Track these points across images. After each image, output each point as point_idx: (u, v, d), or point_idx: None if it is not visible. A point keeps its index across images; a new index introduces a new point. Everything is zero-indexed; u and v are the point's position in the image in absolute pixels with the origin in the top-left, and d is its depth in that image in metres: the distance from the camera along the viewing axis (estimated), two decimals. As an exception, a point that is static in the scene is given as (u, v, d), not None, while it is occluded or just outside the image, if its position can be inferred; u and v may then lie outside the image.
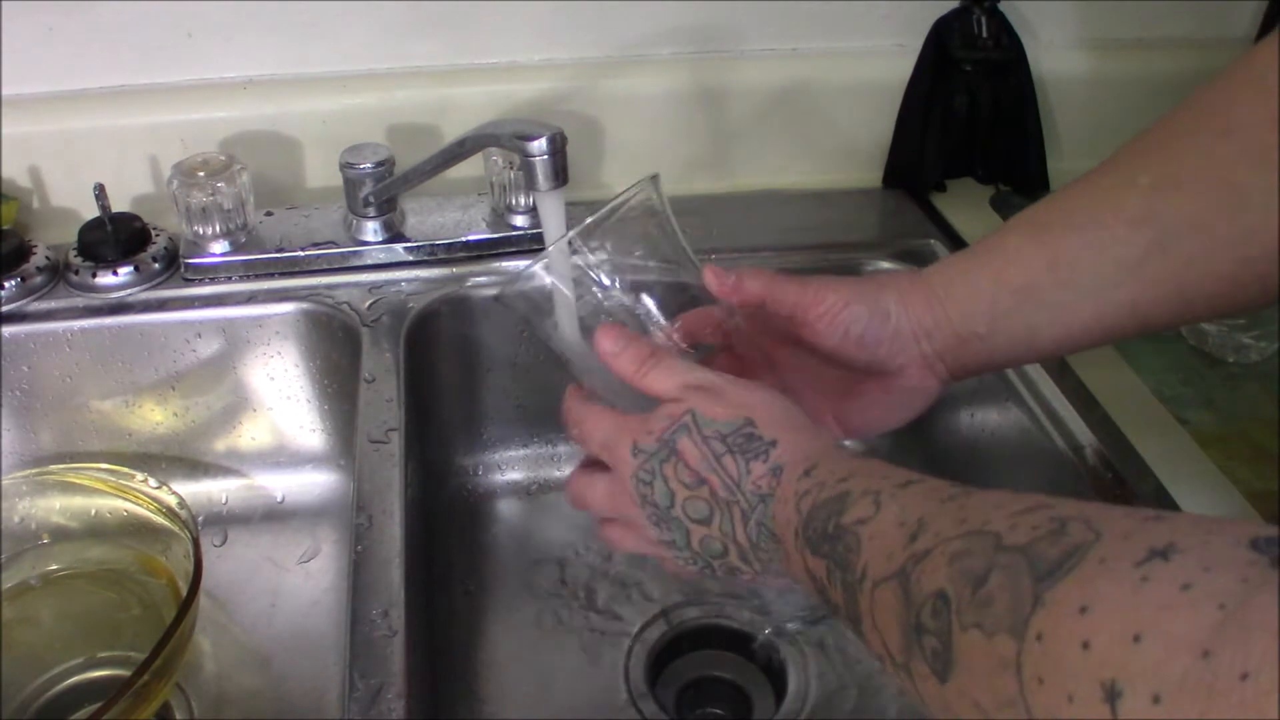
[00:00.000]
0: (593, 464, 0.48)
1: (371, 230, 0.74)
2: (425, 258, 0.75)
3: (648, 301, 0.48)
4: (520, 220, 0.76)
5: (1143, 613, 0.24)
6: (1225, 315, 0.65)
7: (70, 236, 0.73)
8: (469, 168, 0.70)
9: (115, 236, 0.71)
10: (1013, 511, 0.30)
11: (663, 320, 0.48)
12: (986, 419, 0.72)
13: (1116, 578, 0.25)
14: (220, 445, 0.76)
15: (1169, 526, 0.26)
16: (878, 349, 0.49)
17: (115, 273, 0.71)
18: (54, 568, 0.66)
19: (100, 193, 0.70)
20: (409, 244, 0.75)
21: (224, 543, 0.74)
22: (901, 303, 0.49)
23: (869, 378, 0.51)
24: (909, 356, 0.50)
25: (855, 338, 0.49)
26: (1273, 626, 0.21)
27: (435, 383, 0.76)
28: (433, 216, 0.77)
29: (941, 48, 0.81)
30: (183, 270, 0.73)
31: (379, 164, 0.71)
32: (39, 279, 0.71)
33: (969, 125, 0.83)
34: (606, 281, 0.48)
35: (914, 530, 0.33)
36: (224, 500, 0.76)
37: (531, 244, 0.75)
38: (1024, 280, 0.47)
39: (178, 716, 0.62)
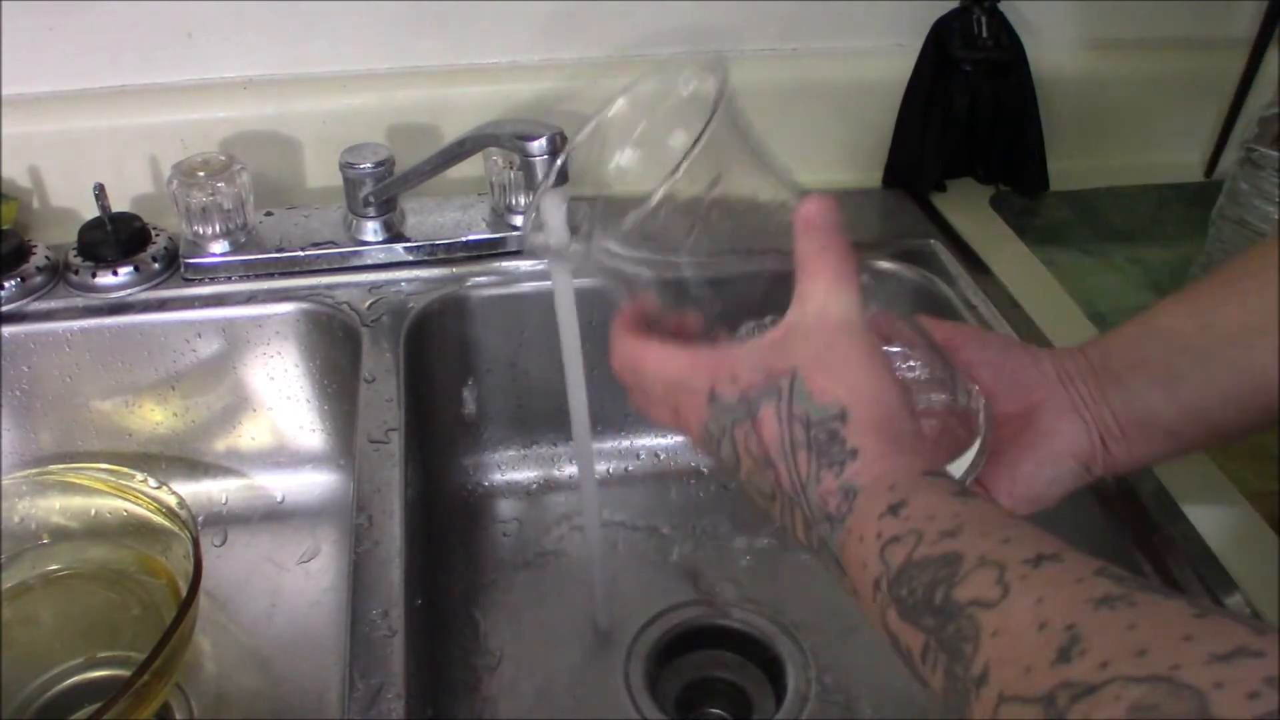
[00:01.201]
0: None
1: (371, 230, 0.74)
2: (425, 258, 0.75)
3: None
4: (520, 220, 0.76)
5: None
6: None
7: (70, 236, 0.73)
8: (469, 168, 0.70)
9: (115, 236, 0.71)
10: (1209, 651, 0.24)
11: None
12: (986, 419, 0.72)
13: None
14: (220, 445, 0.76)
15: None
16: (1027, 391, 0.45)
17: (115, 273, 0.71)
18: (54, 568, 0.66)
19: (100, 193, 0.70)
20: (409, 244, 0.75)
21: (224, 543, 0.74)
22: (1052, 354, 0.47)
23: (1015, 435, 0.46)
24: (1057, 404, 0.45)
25: (1007, 374, 0.46)
26: None
27: (435, 383, 0.76)
28: (433, 216, 0.77)
29: (941, 48, 0.81)
30: (183, 270, 0.73)
31: (379, 164, 0.71)
32: (39, 279, 0.71)
33: (969, 125, 0.83)
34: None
35: (1063, 644, 0.26)
36: (224, 500, 0.76)
37: (531, 244, 0.75)
38: (1166, 324, 0.45)
39: (178, 716, 0.62)
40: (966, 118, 0.82)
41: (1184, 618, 0.25)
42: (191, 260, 0.72)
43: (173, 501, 0.62)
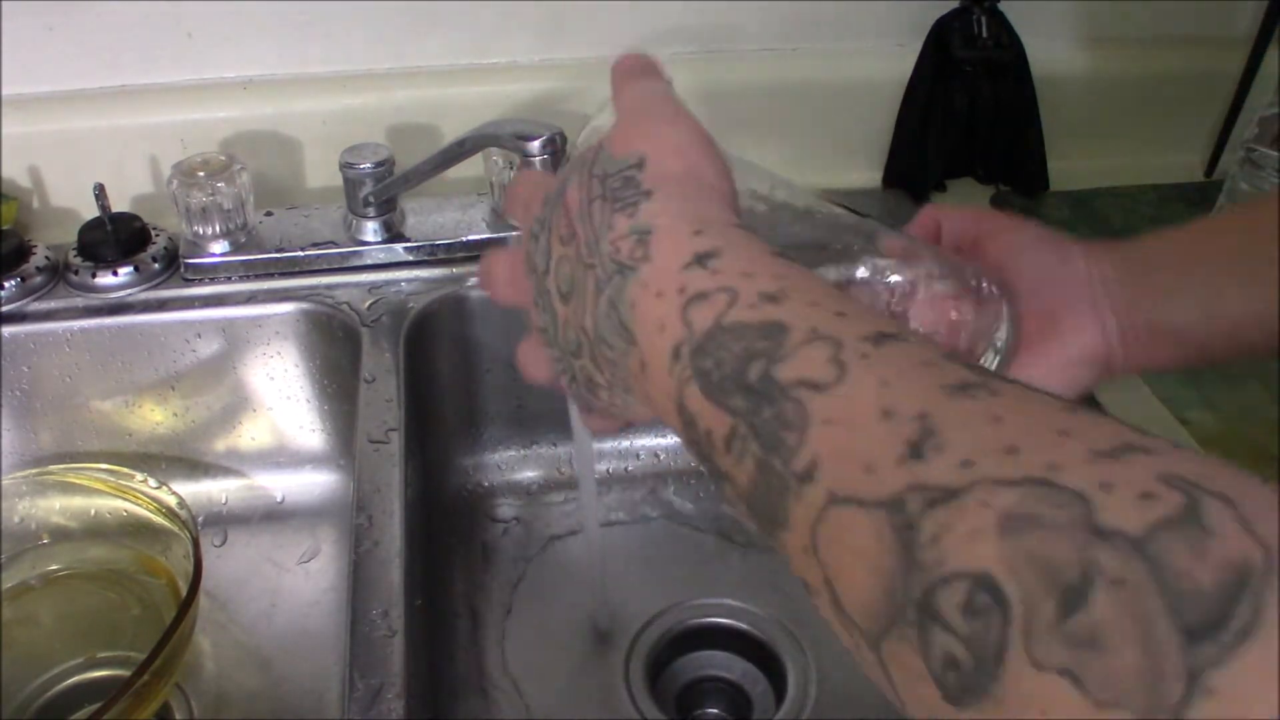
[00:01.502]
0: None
1: (371, 230, 0.74)
2: (425, 258, 0.75)
3: None
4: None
5: None
6: None
7: (70, 236, 0.73)
8: (469, 168, 0.70)
9: (115, 236, 0.71)
10: (1090, 447, 0.20)
11: None
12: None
13: None
14: (220, 445, 0.76)
15: None
16: (1052, 288, 0.42)
17: (115, 273, 0.71)
18: (54, 568, 0.66)
19: (100, 193, 0.70)
20: (409, 244, 0.75)
21: (224, 543, 0.74)
22: (1085, 251, 0.44)
23: (1035, 333, 0.43)
24: (1082, 304, 0.42)
25: (1033, 270, 0.43)
26: None
27: (435, 383, 0.76)
28: (432, 216, 0.77)
29: (941, 48, 0.81)
30: (183, 270, 0.73)
31: (379, 164, 0.71)
32: (39, 279, 0.71)
33: (969, 125, 0.83)
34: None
35: (913, 437, 0.22)
36: (224, 500, 0.76)
37: (531, 244, 0.75)
38: (1211, 234, 0.43)
39: (178, 716, 0.62)
40: (966, 118, 0.82)
41: (1056, 412, 0.21)
42: (191, 260, 0.72)
43: (173, 501, 0.62)
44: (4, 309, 0.69)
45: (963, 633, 0.19)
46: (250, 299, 0.72)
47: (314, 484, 0.77)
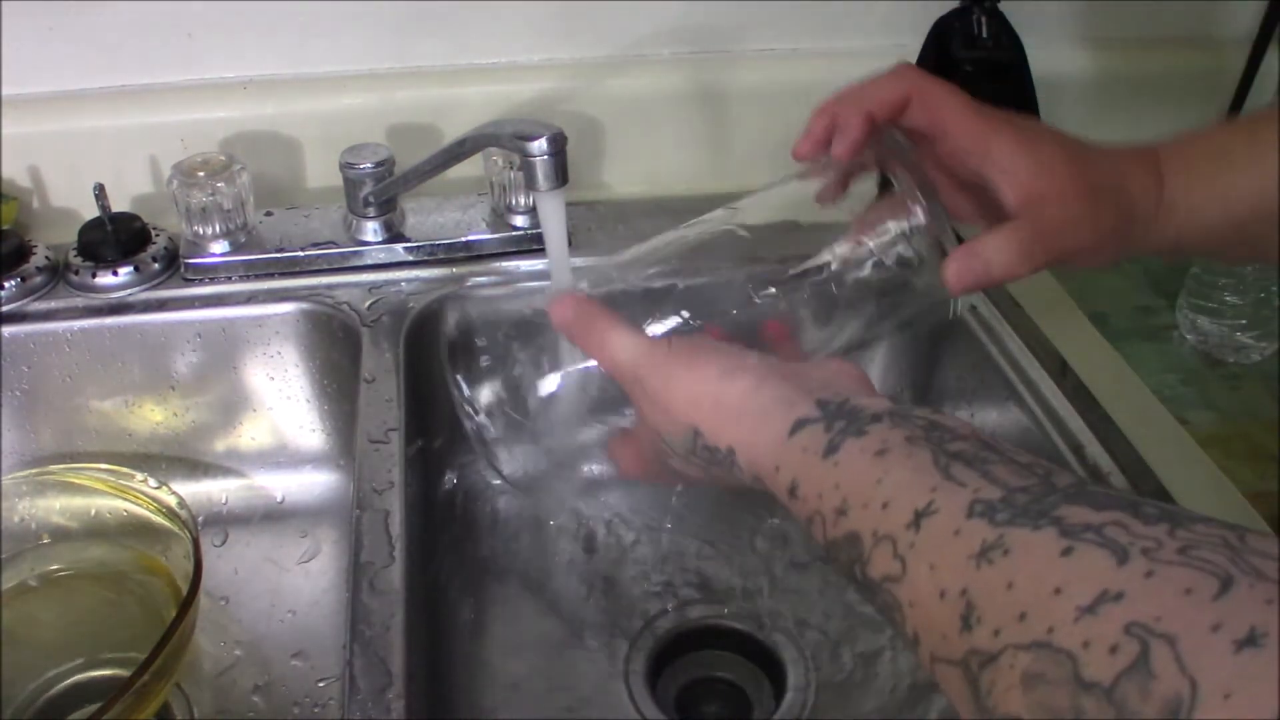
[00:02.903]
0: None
1: (371, 230, 0.74)
2: (425, 258, 0.75)
3: None
4: (520, 220, 0.76)
5: None
6: None
7: (70, 236, 0.73)
8: (469, 168, 0.70)
9: (115, 236, 0.71)
10: (1076, 604, 0.25)
11: None
12: (986, 419, 0.72)
13: None
14: (220, 445, 0.76)
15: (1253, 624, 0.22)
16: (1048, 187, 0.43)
17: (115, 273, 0.71)
18: (54, 568, 0.66)
19: (100, 193, 0.70)
20: (409, 244, 0.75)
21: (224, 543, 0.74)
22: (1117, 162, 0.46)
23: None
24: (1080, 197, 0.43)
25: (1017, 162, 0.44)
26: None
27: (435, 383, 0.76)
28: (433, 216, 0.77)
29: (941, 48, 0.81)
30: (183, 270, 0.73)
31: (379, 164, 0.71)
32: (39, 279, 0.71)
33: (969, 125, 0.82)
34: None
35: (963, 612, 0.28)
36: (224, 500, 0.76)
37: (532, 244, 0.75)
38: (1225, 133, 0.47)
39: (178, 716, 0.62)
40: (966, 118, 0.82)
41: (1053, 561, 0.27)
42: (191, 260, 0.72)
43: (173, 501, 0.62)
44: (4, 309, 0.69)
45: None
46: (250, 299, 0.72)
47: (314, 484, 0.77)
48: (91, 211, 0.72)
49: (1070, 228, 0.43)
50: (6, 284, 0.70)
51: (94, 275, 0.71)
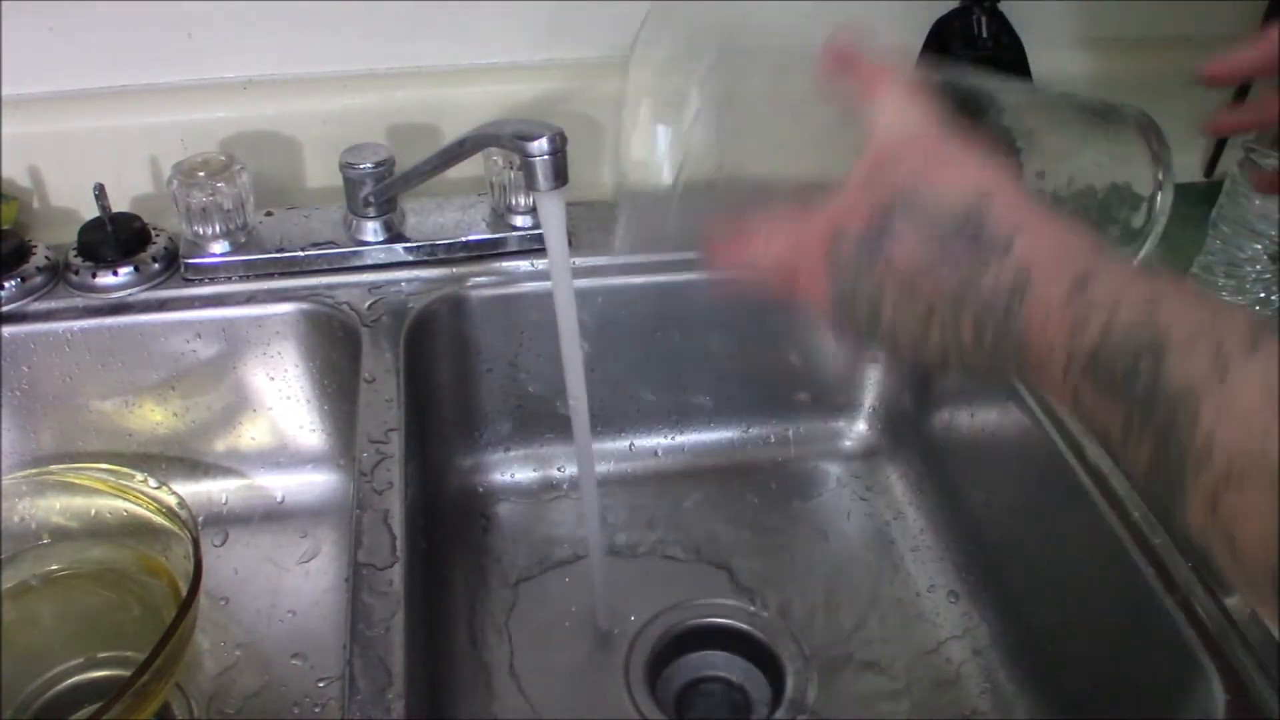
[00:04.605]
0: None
1: (371, 230, 0.74)
2: (425, 258, 0.75)
3: None
4: (520, 220, 0.76)
5: None
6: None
7: (70, 236, 0.73)
8: (469, 168, 0.70)
9: (115, 236, 0.71)
10: None
11: None
12: (986, 419, 0.72)
13: None
14: (220, 445, 0.76)
15: None
16: None
17: (115, 273, 0.71)
18: (54, 568, 0.66)
19: (100, 193, 0.70)
20: (409, 244, 0.75)
21: (224, 543, 0.74)
22: None
23: None
24: None
25: None
26: None
27: (435, 382, 0.76)
28: (433, 216, 0.77)
29: (942, 48, 0.81)
30: (183, 270, 0.73)
31: (379, 164, 0.71)
32: (39, 279, 0.71)
33: (969, 125, 0.83)
34: None
35: None
36: (224, 500, 0.76)
37: (532, 244, 0.75)
38: None
39: (178, 716, 0.62)
40: (966, 118, 0.82)
41: None
42: (191, 260, 0.72)
43: (173, 501, 0.62)
44: (4, 309, 0.69)
45: None
46: (250, 299, 0.72)
47: (314, 484, 0.77)
48: (91, 211, 0.72)
49: None
50: (6, 284, 0.70)
51: (94, 275, 0.71)
